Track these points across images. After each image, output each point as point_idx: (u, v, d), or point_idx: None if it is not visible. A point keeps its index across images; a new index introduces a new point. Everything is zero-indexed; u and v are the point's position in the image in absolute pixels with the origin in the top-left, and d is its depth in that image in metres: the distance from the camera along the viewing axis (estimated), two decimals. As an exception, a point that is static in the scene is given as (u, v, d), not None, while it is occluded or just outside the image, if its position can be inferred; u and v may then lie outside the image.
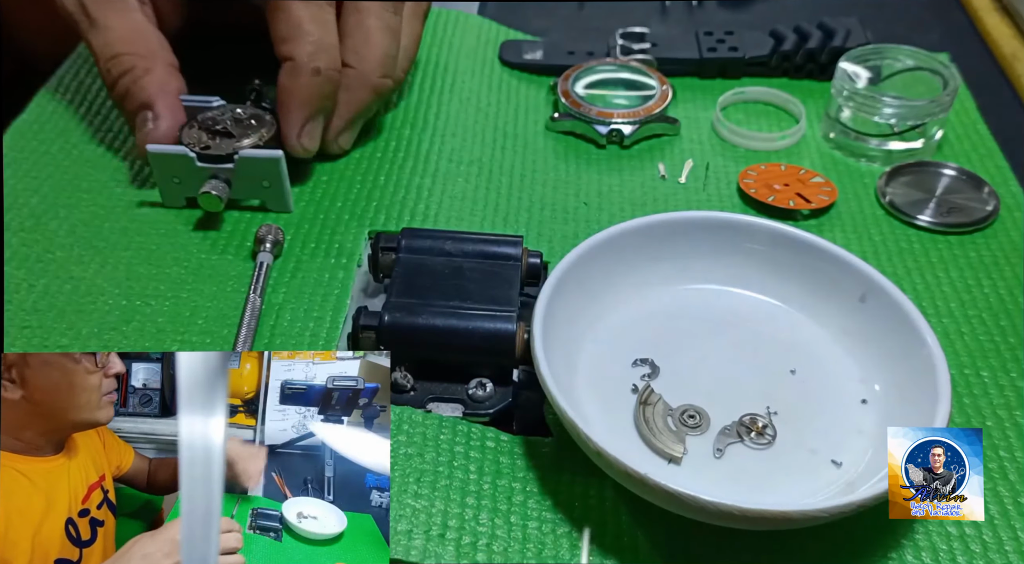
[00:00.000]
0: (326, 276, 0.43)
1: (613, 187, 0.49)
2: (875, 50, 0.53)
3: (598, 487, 0.35)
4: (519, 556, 0.33)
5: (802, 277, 0.40)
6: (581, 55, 0.58)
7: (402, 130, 0.52)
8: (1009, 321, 0.42)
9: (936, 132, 0.51)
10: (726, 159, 0.51)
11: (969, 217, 0.47)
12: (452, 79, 0.56)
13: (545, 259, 0.43)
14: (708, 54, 0.57)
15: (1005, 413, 0.38)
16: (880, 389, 0.37)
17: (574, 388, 0.37)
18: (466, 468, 0.35)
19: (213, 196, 0.44)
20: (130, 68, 0.45)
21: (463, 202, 0.47)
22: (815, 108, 0.55)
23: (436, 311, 0.38)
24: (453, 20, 0.61)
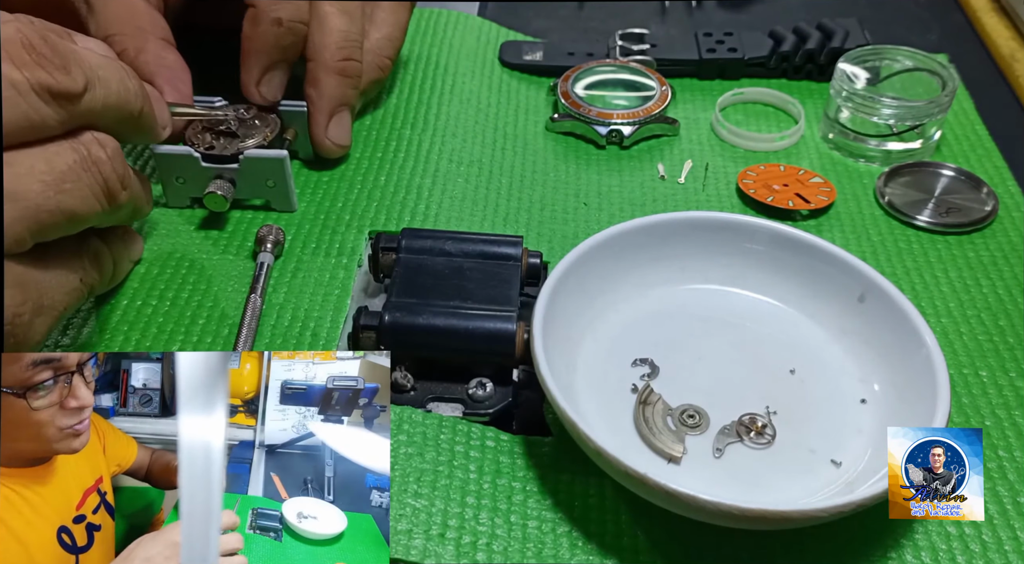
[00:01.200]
0: (326, 276, 0.43)
1: (613, 187, 0.49)
2: (874, 51, 0.53)
3: (598, 486, 0.35)
4: (519, 555, 0.33)
5: (801, 277, 0.40)
6: (581, 56, 0.58)
7: (403, 130, 0.52)
8: (1008, 321, 0.42)
9: (935, 132, 0.51)
10: (725, 159, 0.51)
11: (968, 217, 0.47)
12: (452, 80, 0.56)
13: (545, 259, 0.43)
14: (707, 55, 0.57)
15: (1004, 413, 0.38)
16: (879, 389, 0.37)
17: (574, 388, 0.37)
18: (466, 468, 0.35)
19: (218, 196, 0.44)
20: (122, 50, 0.44)
21: (463, 202, 0.48)
22: (814, 109, 0.55)
23: (436, 311, 0.38)
24: (453, 21, 0.61)
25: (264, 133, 0.45)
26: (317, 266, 0.43)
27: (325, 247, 0.44)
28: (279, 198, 0.46)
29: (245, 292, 0.42)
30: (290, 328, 0.40)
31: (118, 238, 0.40)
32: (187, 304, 0.41)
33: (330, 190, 0.48)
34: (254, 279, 0.42)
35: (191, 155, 0.44)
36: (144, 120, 0.37)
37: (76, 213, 0.33)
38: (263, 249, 0.43)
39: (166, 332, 0.40)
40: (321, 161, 0.49)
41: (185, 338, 0.40)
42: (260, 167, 0.44)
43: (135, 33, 0.45)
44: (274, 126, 0.46)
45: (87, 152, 0.33)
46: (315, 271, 0.43)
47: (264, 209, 0.46)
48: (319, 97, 0.47)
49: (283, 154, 0.44)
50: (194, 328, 0.40)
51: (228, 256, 0.44)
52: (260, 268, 0.42)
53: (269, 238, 0.43)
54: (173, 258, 0.44)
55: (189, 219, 0.46)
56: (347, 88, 0.47)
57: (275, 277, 0.43)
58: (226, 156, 0.44)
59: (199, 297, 0.42)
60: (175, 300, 0.41)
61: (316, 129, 0.47)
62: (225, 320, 0.41)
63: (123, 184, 0.35)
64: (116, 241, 0.40)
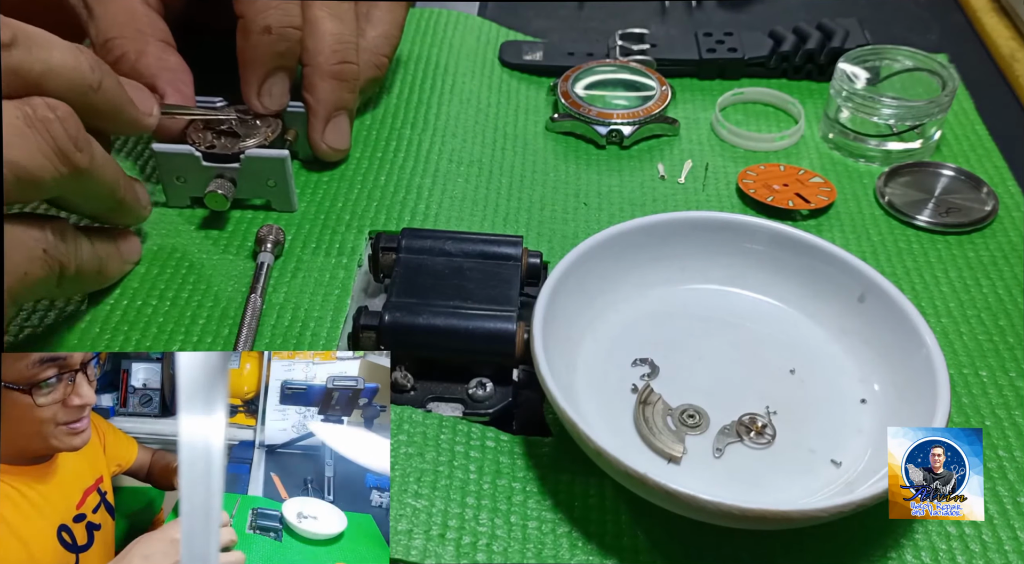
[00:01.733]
0: (326, 276, 0.43)
1: (613, 187, 0.49)
2: (874, 51, 0.53)
3: (598, 486, 0.35)
4: (519, 556, 0.33)
5: (801, 277, 0.40)
6: (581, 56, 0.58)
7: (403, 130, 0.52)
8: (1008, 321, 0.42)
9: (935, 132, 0.51)
10: (725, 159, 0.51)
11: (968, 217, 0.47)
12: (452, 80, 0.56)
13: (545, 259, 0.43)
14: (707, 55, 0.57)
15: (1004, 413, 0.38)
16: (879, 389, 0.37)
17: (574, 388, 0.37)
18: (466, 468, 0.35)
19: (219, 195, 0.44)
20: (122, 54, 0.44)
21: (463, 202, 0.48)
22: (814, 109, 0.55)
23: (436, 311, 0.38)
24: (453, 21, 0.61)
25: (265, 133, 0.45)
26: (317, 266, 0.43)
27: (325, 247, 0.44)
28: (280, 198, 0.46)
29: (245, 292, 0.42)
30: (290, 328, 0.40)
31: (107, 236, 0.40)
32: (187, 304, 0.41)
33: (330, 190, 0.48)
34: (254, 279, 0.42)
35: (192, 154, 0.44)
36: (107, 96, 0.36)
37: (24, 168, 0.33)
38: (263, 249, 0.43)
39: (166, 332, 0.40)
40: (321, 162, 0.49)
41: (185, 338, 0.40)
42: (261, 167, 0.44)
43: (135, 36, 0.45)
44: (275, 126, 0.46)
45: (32, 111, 0.33)
46: (315, 271, 0.43)
47: (264, 209, 0.46)
48: (316, 102, 0.47)
49: (284, 154, 0.44)
50: (194, 328, 0.40)
51: (228, 256, 0.44)
52: (260, 268, 0.42)
53: (269, 238, 0.43)
54: (173, 258, 0.43)
55: (189, 219, 0.46)
56: (344, 92, 0.47)
57: (275, 277, 0.43)
58: (227, 155, 0.44)
59: (199, 297, 0.42)
60: (175, 300, 0.41)
61: (314, 134, 0.47)
62: (225, 320, 0.40)
63: (78, 146, 0.34)
64: (104, 237, 0.40)
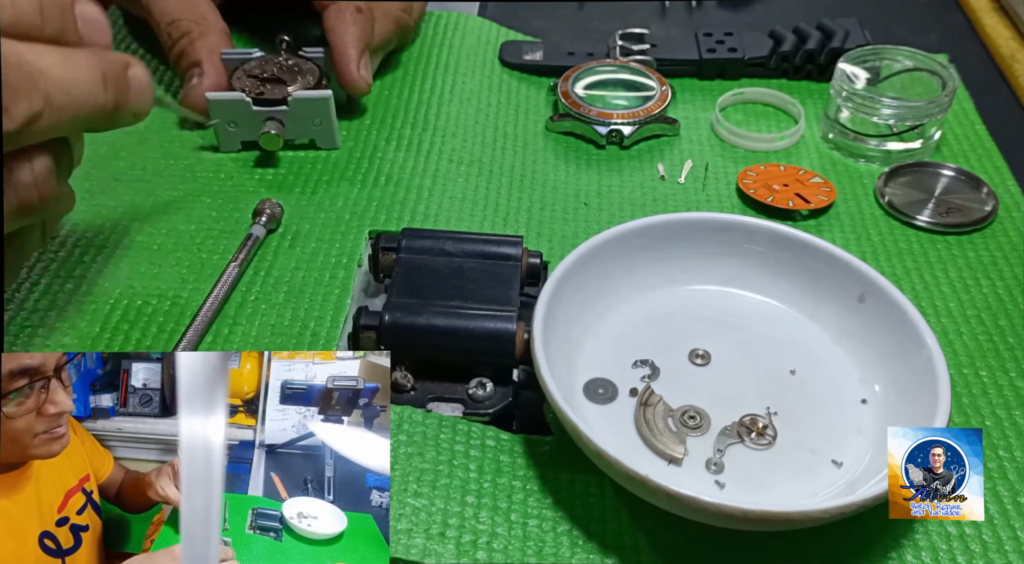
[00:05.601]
0: (326, 276, 0.43)
1: (613, 187, 0.49)
2: (874, 51, 0.53)
3: (598, 485, 0.35)
4: (519, 554, 0.33)
5: (801, 278, 0.40)
6: (581, 56, 0.58)
7: (403, 130, 0.52)
8: (1008, 321, 0.42)
9: (935, 133, 0.51)
10: (725, 160, 0.51)
11: (968, 217, 0.47)
12: (452, 79, 0.56)
13: (545, 259, 0.43)
14: (707, 55, 0.57)
15: (1004, 413, 0.38)
16: (880, 389, 0.37)
17: (574, 388, 0.37)
18: (466, 467, 0.35)
19: (273, 136, 0.48)
20: (187, 31, 0.50)
21: (463, 202, 0.47)
22: (814, 109, 0.55)
23: (436, 311, 0.38)
24: (453, 21, 0.61)
25: (307, 78, 0.50)
26: (317, 266, 0.43)
27: (325, 247, 0.44)
28: (324, 136, 0.50)
29: (245, 292, 0.42)
30: (290, 328, 0.40)
31: None
32: (188, 304, 0.41)
33: (330, 190, 0.48)
34: (238, 249, 0.43)
35: (243, 100, 0.48)
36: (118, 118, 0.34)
37: None
38: (256, 222, 0.44)
39: (166, 332, 0.40)
40: (323, 158, 0.49)
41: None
42: (308, 107, 0.48)
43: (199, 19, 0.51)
44: (314, 72, 0.50)
45: None
46: (315, 271, 0.43)
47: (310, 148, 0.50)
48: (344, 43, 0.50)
49: (328, 94, 0.48)
50: (194, 328, 0.40)
51: (228, 256, 0.43)
52: (248, 239, 0.43)
53: (265, 211, 0.45)
54: (173, 257, 0.43)
55: (187, 218, 0.46)
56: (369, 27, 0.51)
57: (275, 276, 0.43)
58: (276, 100, 0.48)
59: (200, 297, 0.41)
60: (176, 299, 0.41)
61: (348, 70, 0.50)
62: (226, 320, 0.40)
63: None
64: None
